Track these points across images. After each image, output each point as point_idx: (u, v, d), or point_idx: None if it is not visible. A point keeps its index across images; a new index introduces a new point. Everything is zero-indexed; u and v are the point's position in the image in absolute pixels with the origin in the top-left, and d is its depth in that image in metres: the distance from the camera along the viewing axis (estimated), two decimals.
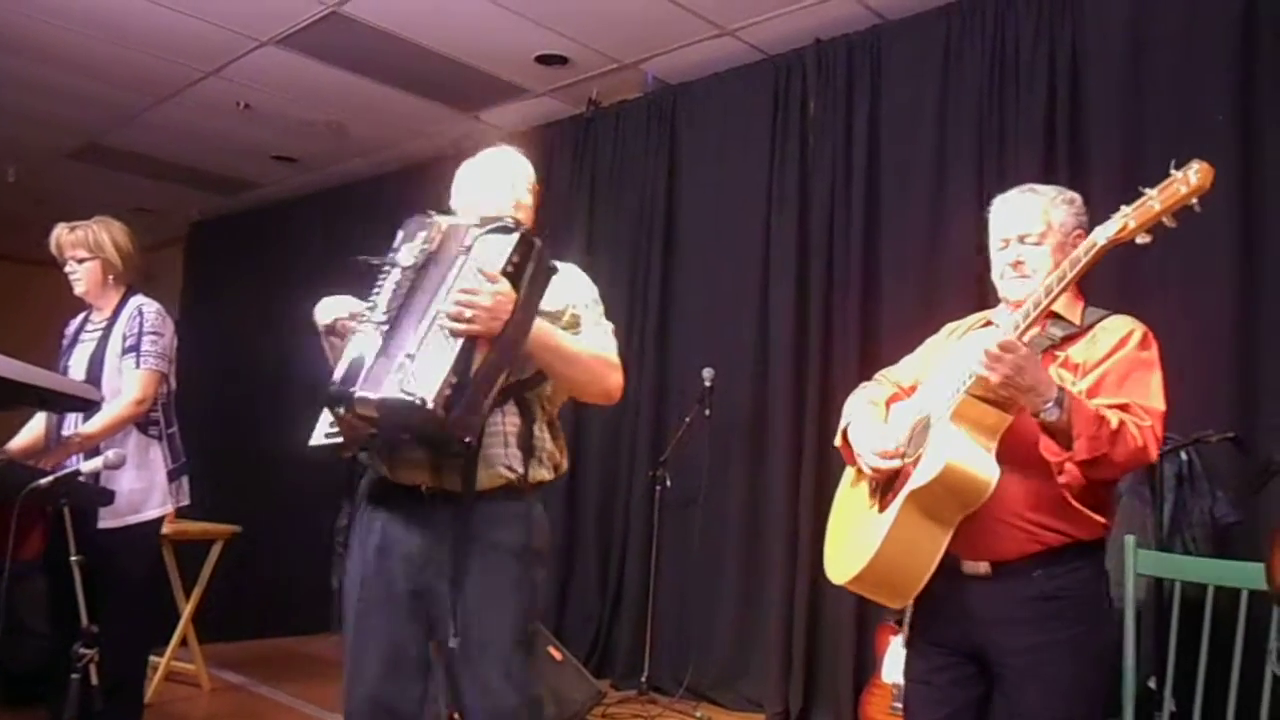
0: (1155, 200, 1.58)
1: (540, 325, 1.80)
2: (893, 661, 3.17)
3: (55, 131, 5.84)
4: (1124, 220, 1.60)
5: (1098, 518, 1.78)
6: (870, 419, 2.00)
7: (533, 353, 1.82)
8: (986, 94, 3.65)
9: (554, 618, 4.56)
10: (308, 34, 4.36)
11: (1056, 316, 1.85)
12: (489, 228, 1.76)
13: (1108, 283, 1.92)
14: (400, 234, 1.83)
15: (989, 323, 1.99)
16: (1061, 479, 1.73)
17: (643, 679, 4.17)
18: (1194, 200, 1.55)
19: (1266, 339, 2.92)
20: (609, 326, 2.01)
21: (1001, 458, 1.70)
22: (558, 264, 1.85)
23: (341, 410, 1.71)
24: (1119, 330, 1.81)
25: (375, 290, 1.76)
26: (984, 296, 3.48)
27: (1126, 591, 2.39)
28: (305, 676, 4.29)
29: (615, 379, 1.95)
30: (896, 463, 1.84)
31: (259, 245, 7.20)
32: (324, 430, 1.82)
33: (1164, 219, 1.58)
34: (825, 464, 3.74)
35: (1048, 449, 1.71)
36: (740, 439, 4.19)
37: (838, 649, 3.80)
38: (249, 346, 6.88)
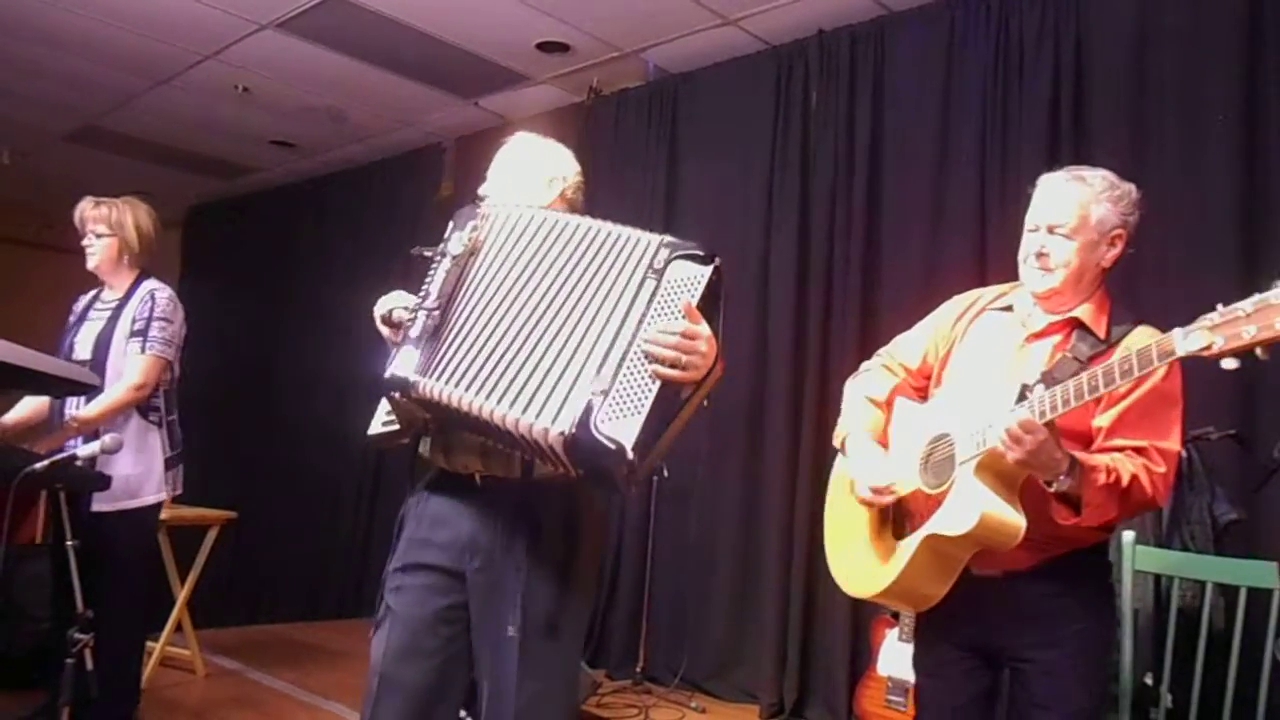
0: (1251, 326, 1.36)
1: None
2: (888, 654, 3.17)
3: (53, 114, 5.81)
4: (1210, 339, 1.39)
5: (1100, 530, 1.80)
6: (870, 436, 1.97)
7: None
8: (990, 86, 3.63)
9: None
10: (308, 18, 4.33)
11: (1082, 328, 1.80)
12: (680, 252, 1.62)
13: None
14: (451, 224, 1.79)
15: (1009, 307, 1.93)
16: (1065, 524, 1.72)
17: (638, 669, 4.17)
18: None
19: None
20: None
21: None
22: None
23: (398, 396, 1.68)
24: None
25: (428, 280, 1.73)
26: (984, 285, 3.50)
27: (1124, 588, 2.39)
28: (301, 663, 4.29)
29: None
30: (889, 499, 1.85)
31: (257, 230, 7.19)
32: (381, 419, 1.80)
33: (1258, 352, 1.36)
34: (822, 454, 3.73)
35: (1057, 513, 1.69)
36: (738, 428, 4.18)
37: (833, 641, 3.80)
38: (247, 331, 6.87)
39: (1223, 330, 1.38)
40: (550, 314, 1.63)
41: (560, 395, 1.54)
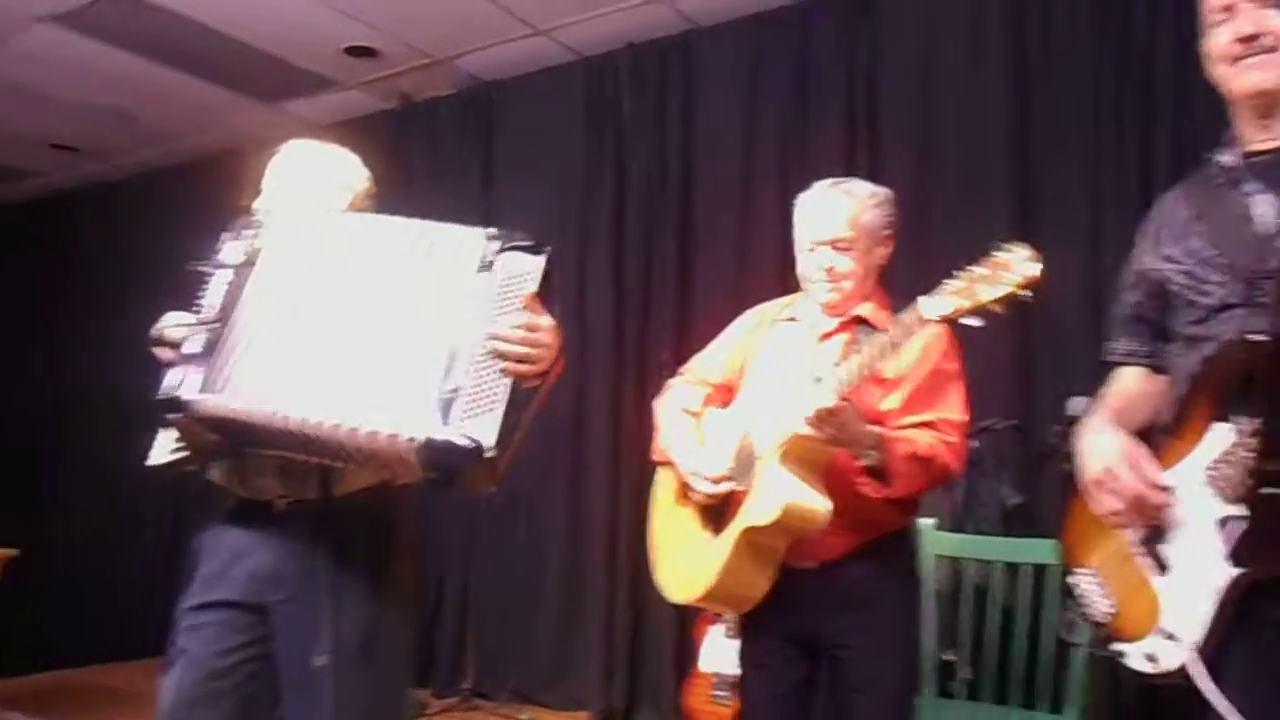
0: (985, 286, 1.54)
1: None
2: (712, 651, 3.24)
3: None
4: (954, 303, 1.57)
5: (905, 514, 1.93)
6: (690, 437, 2.03)
7: None
8: (791, 101, 3.81)
9: None
10: (89, 12, 4.02)
11: (867, 324, 1.92)
12: (509, 243, 1.59)
13: (898, 281, 2.02)
14: (224, 234, 1.70)
15: (794, 319, 2.04)
16: (876, 497, 1.83)
17: (465, 685, 4.10)
18: (1027, 294, 1.52)
19: (1041, 336, 3.18)
20: None
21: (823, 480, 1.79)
22: None
23: (179, 418, 1.57)
24: (923, 337, 1.87)
25: (201, 293, 1.63)
26: (790, 291, 3.66)
27: (925, 572, 2.55)
28: (94, 709, 3.98)
29: None
30: (727, 488, 1.89)
31: (38, 239, 6.60)
32: (168, 446, 1.66)
33: (996, 308, 1.54)
34: (644, 461, 3.77)
35: (868, 486, 1.80)
36: (561, 438, 4.18)
37: (660, 643, 3.86)
38: (27, 351, 6.30)
39: (964, 293, 1.56)
40: (369, 316, 1.57)
41: (405, 398, 1.49)
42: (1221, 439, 1.37)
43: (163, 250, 5.74)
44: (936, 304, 1.60)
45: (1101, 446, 1.50)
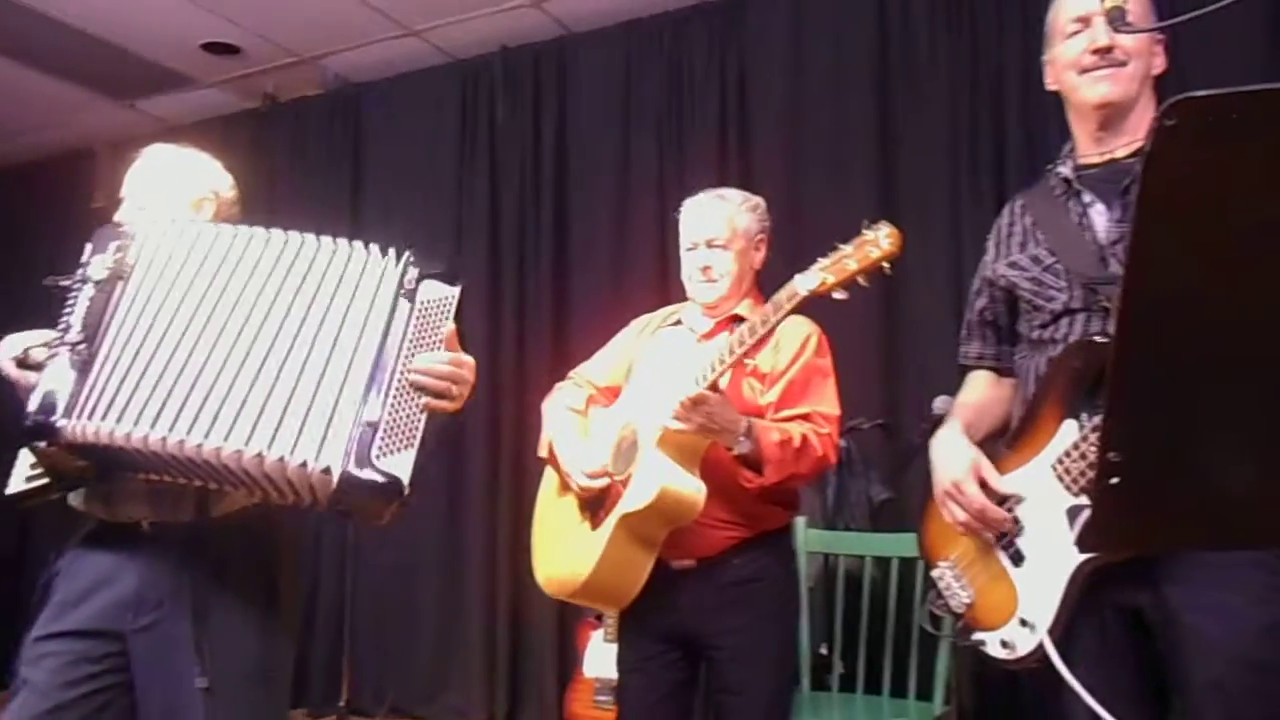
0: (851, 260, 1.67)
1: None
2: (594, 656, 3.25)
3: None
4: (821, 278, 1.68)
5: (784, 510, 1.98)
6: (574, 434, 2.05)
7: None
8: (665, 107, 3.86)
9: None
10: None
11: (743, 321, 1.97)
12: (429, 271, 1.54)
13: (771, 279, 2.10)
14: (89, 246, 1.59)
15: (679, 321, 2.11)
16: (751, 486, 1.87)
17: (341, 702, 3.98)
18: (887, 265, 1.65)
19: (905, 338, 3.32)
20: None
21: (701, 472, 1.82)
22: None
23: (44, 445, 1.46)
24: (798, 335, 1.97)
25: (67, 311, 1.52)
26: (667, 294, 3.71)
27: (800, 569, 2.62)
28: None
29: None
30: (605, 481, 1.91)
31: None
32: (24, 473, 1.55)
33: (860, 279, 1.67)
34: (523, 465, 3.78)
35: (743, 476, 1.85)
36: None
37: (541, 649, 3.84)
38: None
39: (832, 269, 1.68)
40: (266, 336, 1.48)
41: (317, 428, 1.40)
42: (1070, 435, 1.45)
43: (2, 255, 5.40)
44: (807, 279, 1.70)
45: (952, 460, 1.58)
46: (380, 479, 1.38)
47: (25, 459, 1.57)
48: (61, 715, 1.56)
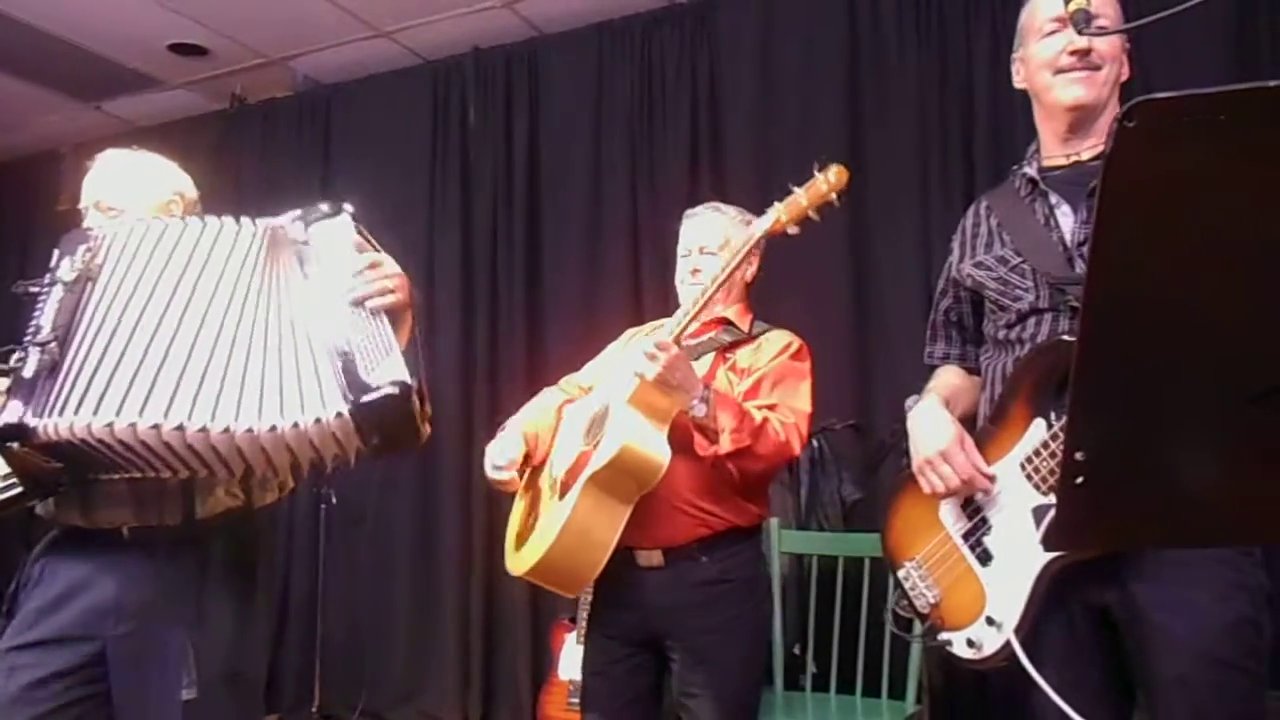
0: (802, 197, 1.79)
1: None
2: (568, 659, 3.25)
3: None
4: (777, 214, 1.81)
5: (754, 507, 1.97)
6: (520, 427, 2.06)
7: None
8: (637, 109, 3.85)
9: None
10: None
11: (729, 324, 2.04)
12: (311, 216, 1.63)
13: (765, 303, 2.16)
14: (57, 252, 1.58)
15: (663, 325, 2.11)
16: (706, 454, 1.86)
17: (314, 708, 3.95)
18: (834, 196, 1.78)
19: (876, 341, 3.33)
20: None
21: (673, 447, 1.81)
22: None
23: (17, 448, 1.43)
24: (780, 342, 2.01)
25: (37, 313, 1.51)
26: (639, 299, 3.73)
27: (773, 569, 2.63)
28: None
29: None
30: (511, 474, 1.92)
31: None
32: None
33: (810, 213, 1.79)
34: None
35: (699, 444, 1.84)
36: (409, 451, 4.09)
37: (515, 653, 3.83)
38: None
39: (787, 209, 1.81)
40: (224, 319, 1.50)
41: (300, 386, 1.43)
42: (1039, 434, 1.47)
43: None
44: (764, 220, 1.84)
45: (936, 430, 1.57)
46: (387, 390, 1.41)
47: None
48: None
